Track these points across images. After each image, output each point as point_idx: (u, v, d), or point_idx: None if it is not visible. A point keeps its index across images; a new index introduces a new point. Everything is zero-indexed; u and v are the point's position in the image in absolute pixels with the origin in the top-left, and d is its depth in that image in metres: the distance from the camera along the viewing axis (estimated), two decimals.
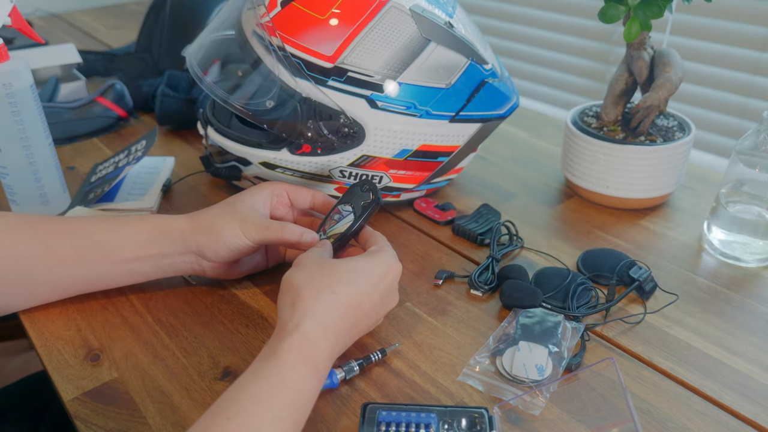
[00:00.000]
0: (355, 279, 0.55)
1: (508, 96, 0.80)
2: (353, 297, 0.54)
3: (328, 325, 0.51)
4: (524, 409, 0.53)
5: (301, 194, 0.67)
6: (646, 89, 0.80)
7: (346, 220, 0.63)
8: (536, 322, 0.61)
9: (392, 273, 0.58)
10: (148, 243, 0.61)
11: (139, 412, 0.54)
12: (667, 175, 0.79)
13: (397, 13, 0.70)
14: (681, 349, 0.60)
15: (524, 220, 0.80)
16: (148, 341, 0.61)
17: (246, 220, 0.61)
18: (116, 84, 1.06)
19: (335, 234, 0.62)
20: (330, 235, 0.63)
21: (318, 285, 0.53)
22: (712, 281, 0.69)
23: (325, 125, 0.71)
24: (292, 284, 0.54)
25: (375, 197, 0.62)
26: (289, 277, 0.55)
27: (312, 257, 0.57)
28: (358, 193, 0.64)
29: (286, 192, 0.67)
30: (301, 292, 0.52)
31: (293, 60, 0.69)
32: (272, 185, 0.66)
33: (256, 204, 0.64)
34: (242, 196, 0.64)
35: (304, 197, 0.68)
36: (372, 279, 0.56)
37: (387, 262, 0.58)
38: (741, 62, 1.41)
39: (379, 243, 0.60)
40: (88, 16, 1.80)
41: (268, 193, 0.65)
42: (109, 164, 0.85)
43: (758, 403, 0.54)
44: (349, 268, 0.55)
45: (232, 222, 0.61)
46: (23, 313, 0.64)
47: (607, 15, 0.74)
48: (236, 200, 0.64)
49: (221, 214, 0.62)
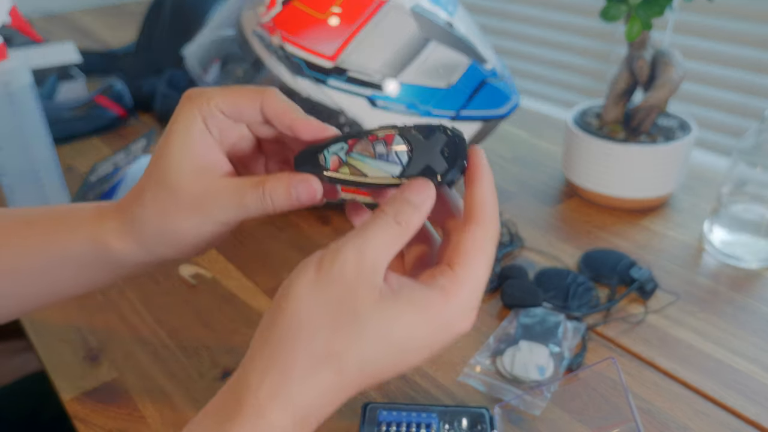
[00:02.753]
0: (394, 354, 0.33)
1: (508, 96, 0.80)
2: (373, 379, 0.34)
3: (310, 416, 0.33)
4: (525, 409, 0.53)
5: (240, 104, 0.39)
6: (647, 89, 0.80)
7: (391, 161, 0.36)
8: (537, 321, 0.60)
9: (461, 330, 0.35)
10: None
11: (138, 412, 0.54)
12: (668, 175, 0.79)
13: (397, 12, 0.70)
14: (682, 349, 0.60)
15: (525, 219, 0.80)
16: (147, 341, 0.61)
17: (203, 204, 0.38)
18: (116, 83, 1.05)
19: (358, 173, 0.36)
20: (351, 171, 0.36)
21: (323, 346, 0.32)
22: (713, 281, 0.69)
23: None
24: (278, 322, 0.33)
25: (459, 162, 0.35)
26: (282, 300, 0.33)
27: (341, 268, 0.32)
28: (430, 141, 0.36)
29: (221, 110, 0.39)
30: (287, 347, 0.32)
31: (293, 59, 0.69)
32: (194, 107, 0.39)
33: (195, 157, 0.38)
34: (169, 156, 0.39)
35: (247, 108, 0.39)
36: (423, 353, 0.34)
37: (461, 315, 0.34)
38: (742, 61, 1.41)
39: (466, 256, 0.34)
40: (87, 15, 1.80)
41: (200, 130, 0.39)
42: (108, 164, 0.85)
43: (759, 404, 0.54)
44: (395, 329, 0.32)
45: (182, 216, 0.39)
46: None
47: (609, 14, 0.74)
48: (165, 168, 0.39)
49: (162, 210, 0.39)
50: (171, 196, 0.39)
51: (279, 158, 0.43)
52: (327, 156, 0.37)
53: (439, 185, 0.35)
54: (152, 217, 0.40)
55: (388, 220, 0.33)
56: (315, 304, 0.32)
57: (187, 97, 0.40)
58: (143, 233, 0.40)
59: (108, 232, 0.41)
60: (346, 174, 0.36)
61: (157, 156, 0.40)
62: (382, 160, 0.36)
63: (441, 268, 0.34)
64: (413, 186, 0.34)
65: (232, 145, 0.41)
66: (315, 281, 0.32)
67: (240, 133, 0.41)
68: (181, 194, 0.38)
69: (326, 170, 0.37)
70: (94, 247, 0.42)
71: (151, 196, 0.40)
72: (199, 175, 0.38)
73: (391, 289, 0.33)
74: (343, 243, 0.33)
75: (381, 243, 0.33)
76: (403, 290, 0.33)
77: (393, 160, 0.35)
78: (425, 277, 0.35)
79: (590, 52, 1.73)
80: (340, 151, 0.37)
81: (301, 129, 0.38)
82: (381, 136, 0.36)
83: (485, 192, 0.35)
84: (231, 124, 0.40)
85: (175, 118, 0.40)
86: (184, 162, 0.38)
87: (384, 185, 0.36)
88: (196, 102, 0.39)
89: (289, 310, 0.33)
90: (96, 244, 0.42)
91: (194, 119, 0.39)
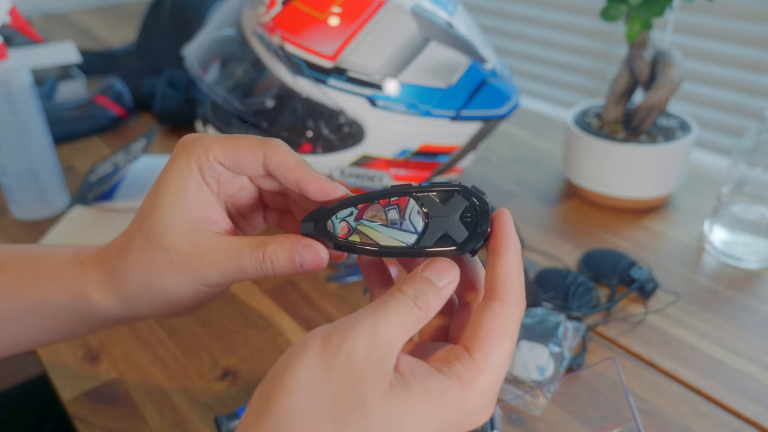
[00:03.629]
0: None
1: (508, 96, 0.80)
2: None
3: None
4: (525, 409, 0.53)
5: (241, 157, 0.35)
6: (647, 89, 0.80)
7: (404, 229, 0.33)
8: (537, 321, 0.60)
9: (478, 422, 0.31)
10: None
11: (138, 412, 0.53)
12: (668, 175, 0.79)
13: (397, 12, 0.70)
14: (682, 349, 0.60)
15: (525, 220, 0.80)
16: (147, 341, 0.61)
17: (195, 265, 0.35)
18: (116, 83, 1.05)
19: (369, 241, 0.33)
20: (362, 239, 0.33)
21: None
22: (714, 281, 0.69)
23: (324, 125, 0.71)
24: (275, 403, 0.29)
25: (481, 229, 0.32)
26: (282, 377, 0.29)
27: (349, 353, 0.28)
28: (447, 205, 0.33)
29: (220, 162, 0.35)
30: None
31: (293, 59, 0.69)
32: (191, 158, 0.35)
33: (188, 215, 0.35)
34: (160, 212, 0.35)
35: (248, 161, 0.36)
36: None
37: (479, 407, 0.31)
38: (742, 61, 1.41)
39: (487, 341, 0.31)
40: (87, 15, 1.80)
41: (196, 184, 0.35)
42: (108, 164, 0.85)
43: (760, 404, 0.54)
44: (406, 424, 0.29)
45: (170, 276, 0.35)
46: None
47: (609, 14, 0.74)
48: (154, 225, 0.35)
49: (149, 268, 0.36)
50: (160, 254, 0.35)
51: (280, 208, 0.40)
52: (335, 222, 0.34)
53: (458, 255, 0.32)
54: (138, 273, 0.36)
55: (407, 302, 0.30)
56: (317, 390, 0.28)
57: (183, 145, 0.36)
58: (127, 289, 0.37)
59: (89, 284, 0.38)
60: (356, 242, 0.33)
61: (148, 207, 0.36)
62: (395, 228, 0.33)
63: (457, 352, 0.31)
64: (437, 266, 0.31)
65: (230, 196, 0.38)
66: (320, 363, 0.28)
67: (240, 184, 0.38)
68: (173, 253, 0.35)
69: (335, 238, 0.34)
70: (73, 299, 0.39)
71: (138, 251, 0.36)
72: (193, 234, 0.35)
73: (402, 378, 0.29)
74: (356, 322, 0.29)
75: (396, 327, 0.29)
76: (416, 379, 0.29)
77: (407, 228, 0.32)
78: (439, 359, 0.31)
79: (590, 52, 1.73)
80: (349, 217, 0.34)
81: (310, 188, 0.34)
82: (393, 200, 0.33)
83: (510, 265, 0.32)
84: (231, 176, 0.36)
85: (169, 167, 0.36)
86: (178, 219, 0.35)
87: (394, 251, 0.33)
88: (193, 152, 0.35)
89: (289, 392, 0.28)
90: (75, 296, 0.38)
91: (190, 171, 0.35)
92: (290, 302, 0.66)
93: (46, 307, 0.39)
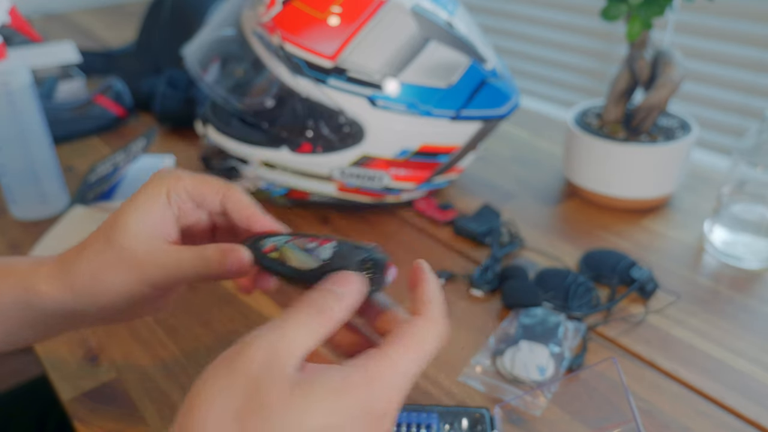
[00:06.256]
0: None
1: (508, 95, 0.80)
2: None
3: None
4: (525, 409, 0.53)
5: (205, 191, 0.42)
6: (647, 89, 0.80)
7: (315, 255, 0.38)
8: (537, 322, 0.60)
9: (386, 415, 0.31)
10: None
11: (138, 412, 0.53)
12: (669, 175, 0.79)
13: (397, 12, 0.70)
14: (683, 349, 0.60)
15: (525, 220, 0.80)
16: (147, 341, 0.61)
17: (143, 264, 0.40)
18: (116, 83, 1.05)
19: (285, 258, 0.39)
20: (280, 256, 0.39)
21: None
22: (714, 281, 0.69)
23: (324, 124, 0.71)
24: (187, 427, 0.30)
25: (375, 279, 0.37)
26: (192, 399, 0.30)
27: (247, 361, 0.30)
28: (357, 251, 0.38)
29: (187, 192, 0.42)
30: None
31: (293, 59, 0.69)
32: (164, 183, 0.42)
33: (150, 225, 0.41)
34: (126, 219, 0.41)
35: (210, 196, 0.43)
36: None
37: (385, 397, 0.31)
38: (742, 61, 1.41)
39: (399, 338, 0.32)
40: (87, 15, 1.80)
41: (163, 203, 0.41)
42: (108, 164, 0.85)
43: (760, 404, 0.54)
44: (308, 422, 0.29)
45: (119, 271, 0.40)
46: None
47: (609, 14, 0.74)
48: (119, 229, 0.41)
49: (102, 264, 0.41)
50: (115, 252, 0.40)
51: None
52: (266, 242, 0.40)
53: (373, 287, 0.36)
54: (89, 267, 0.41)
55: (309, 310, 0.32)
56: (222, 403, 0.29)
57: (158, 174, 0.43)
58: (75, 281, 0.41)
59: (39, 277, 0.42)
60: (274, 257, 0.39)
61: (117, 216, 0.41)
62: (308, 253, 0.38)
63: (369, 351, 0.32)
64: (337, 278, 0.35)
65: (188, 226, 0.44)
66: (225, 376, 0.30)
67: (198, 217, 0.44)
68: (125, 252, 0.40)
69: (258, 250, 0.39)
70: (22, 291, 0.42)
71: (96, 250, 0.41)
72: (149, 240, 0.41)
73: (306, 377, 0.30)
74: (256, 335, 0.31)
75: (297, 333, 0.31)
76: (319, 376, 0.30)
77: (317, 255, 0.38)
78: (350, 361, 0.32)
79: (590, 52, 1.73)
80: (279, 241, 0.40)
81: (257, 222, 0.41)
82: (320, 239, 0.39)
83: (432, 291, 0.35)
84: (192, 207, 0.43)
85: (142, 188, 0.42)
86: (140, 227, 0.41)
87: (303, 270, 0.38)
88: (167, 178, 0.42)
89: (199, 408, 0.30)
90: (23, 288, 0.42)
91: (160, 193, 0.41)
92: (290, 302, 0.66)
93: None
